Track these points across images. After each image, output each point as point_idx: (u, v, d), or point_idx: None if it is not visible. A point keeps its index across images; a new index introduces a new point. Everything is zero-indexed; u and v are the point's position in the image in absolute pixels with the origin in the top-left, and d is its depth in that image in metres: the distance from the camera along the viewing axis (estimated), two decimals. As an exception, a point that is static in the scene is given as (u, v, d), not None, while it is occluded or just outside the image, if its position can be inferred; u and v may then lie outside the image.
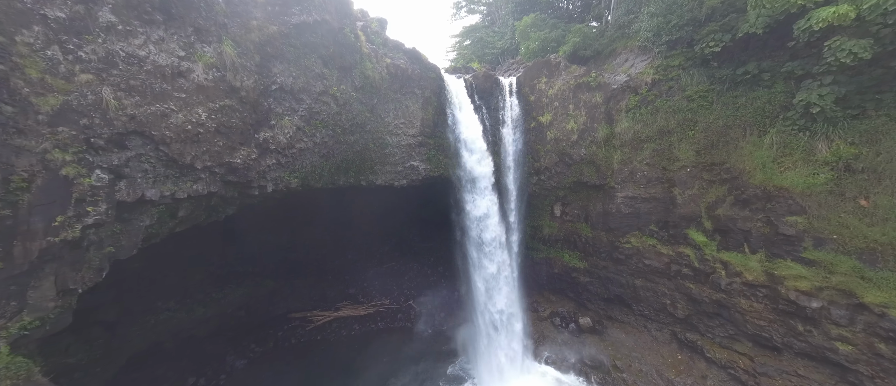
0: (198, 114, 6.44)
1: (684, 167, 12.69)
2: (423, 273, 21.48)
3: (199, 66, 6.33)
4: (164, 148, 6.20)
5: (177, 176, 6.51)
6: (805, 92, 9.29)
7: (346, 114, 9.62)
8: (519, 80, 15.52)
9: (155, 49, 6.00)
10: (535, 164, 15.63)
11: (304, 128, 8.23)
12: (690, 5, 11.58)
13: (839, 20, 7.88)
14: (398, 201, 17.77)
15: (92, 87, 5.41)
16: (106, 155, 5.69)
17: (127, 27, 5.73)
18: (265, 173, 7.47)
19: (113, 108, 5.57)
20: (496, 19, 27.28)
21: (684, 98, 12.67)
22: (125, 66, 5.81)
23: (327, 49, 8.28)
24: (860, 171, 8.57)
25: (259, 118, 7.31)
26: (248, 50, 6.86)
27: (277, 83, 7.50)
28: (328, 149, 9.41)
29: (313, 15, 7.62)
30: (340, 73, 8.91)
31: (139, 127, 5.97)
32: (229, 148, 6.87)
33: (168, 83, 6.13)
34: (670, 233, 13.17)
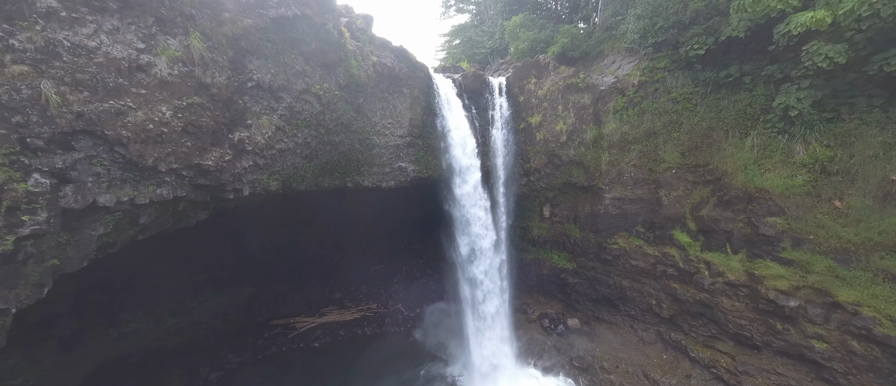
0: (161, 112, 5.80)
1: (670, 169, 12.87)
2: (412, 275, 21.11)
3: (163, 60, 5.69)
4: (120, 149, 5.54)
5: (137, 179, 5.86)
6: (784, 95, 9.51)
7: (330, 113, 9.15)
8: (508, 80, 15.39)
9: (107, 40, 5.34)
10: (524, 165, 15.55)
11: (284, 128, 7.64)
12: (675, 8, 11.71)
13: (816, 25, 8.06)
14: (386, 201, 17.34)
15: (27, 79, 4.71)
16: (47, 157, 4.99)
17: (72, 15, 5.07)
18: (241, 176, 6.88)
19: (55, 103, 4.88)
20: (485, 19, 27.18)
21: (669, 100, 12.84)
22: (70, 58, 5.11)
23: (309, 45, 7.76)
24: (835, 173, 8.82)
25: (233, 117, 6.73)
26: (219, 44, 6.29)
27: (254, 80, 6.95)
28: (311, 150, 8.91)
29: (292, 9, 7.08)
30: (323, 70, 8.42)
31: (89, 126, 5.27)
32: (199, 149, 6.27)
33: (124, 78, 5.46)
34: (656, 234, 13.34)
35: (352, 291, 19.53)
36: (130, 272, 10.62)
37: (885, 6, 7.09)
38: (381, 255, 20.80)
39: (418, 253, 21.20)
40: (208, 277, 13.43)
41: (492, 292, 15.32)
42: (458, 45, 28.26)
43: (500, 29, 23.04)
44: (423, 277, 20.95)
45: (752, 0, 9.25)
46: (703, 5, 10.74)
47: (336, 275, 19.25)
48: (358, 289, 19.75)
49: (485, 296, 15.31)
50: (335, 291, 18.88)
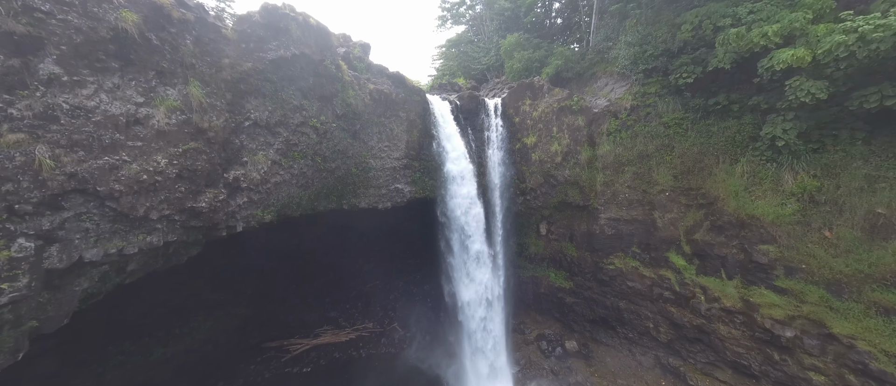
0: (156, 161, 5.72)
1: (663, 191, 13.01)
2: (409, 292, 20.86)
3: (161, 111, 5.66)
4: (111, 203, 5.40)
5: (126, 230, 5.69)
6: (770, 125, 9.75)
7: (326, 142, 9.21)
8: (504, 101, 15.66)
9: (107, 98, 5.28)
10: (520, 185, 15.66)
11: (280, 161, 7.62)
12: (664, 37, 12.09)
13: (797, 62, 8.35)
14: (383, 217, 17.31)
15: (22, 147, 4.61)
16: (34, 220, 4.83)
17: (74, 78, 5.01)
18: (234, 213, 6.80)
19: (47, 167, 4.76)
20: (481, 32, 27.77)
21: (661, 124, 13.10)
22: (68, 120, 5.03)
23: (306, 81, 7.84)
24: (823, 203, 8.97)
25: (229, 156, 6.68)
26: (218, 89, 6.29)
27: (251, 119, 6.95)
28: (307, 179, 8.92)
29: (291, 49, 7.16)
30: (321, 102, 8.52)
31: (81, 185, 5.12)
32: (193, 192, 6.18)
33: (121, 133, 5.40)
34: (652, 255, 13.37)
35: (348, 308, 19.21)
36: (118, 300, 10.40)
37: (860, 49, 7.37)
38: (376, 271, 20.58)
39: (415, 267, 21.01)
40: (200, 300, 13.18)
41: (488, 311, 15.19)
42: (455, 57, 28.77)
43: (496, 46, 23.59)
44: (420, 293, 20.71)
45: (736, 35, 9.60)
46: (691, 36, 11.11)
47: (332, 293, 18.97)
48: (354, 307, 19.44)
49: (481, 314, 15.16)
50: (331, 310, 18.57)
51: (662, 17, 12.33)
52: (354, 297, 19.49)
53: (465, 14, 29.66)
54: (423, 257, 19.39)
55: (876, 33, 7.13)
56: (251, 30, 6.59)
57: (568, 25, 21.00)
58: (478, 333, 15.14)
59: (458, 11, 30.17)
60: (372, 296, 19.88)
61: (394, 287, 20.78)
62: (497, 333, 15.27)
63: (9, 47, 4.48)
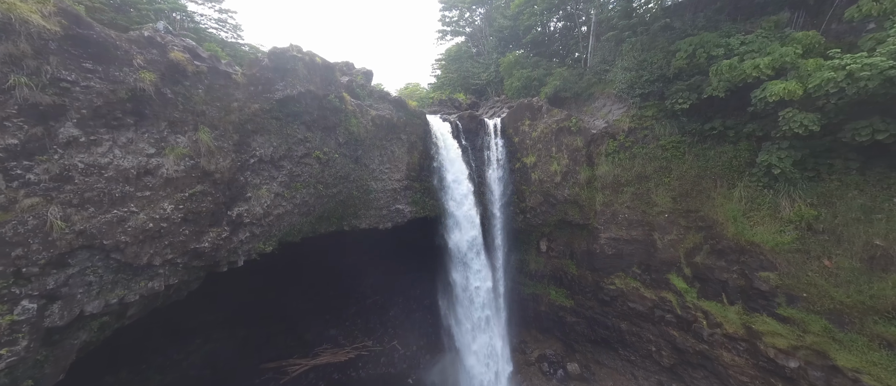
0: (163, 208, 5.79)
1: (662, 213, 13.08)
2: (409, 308, 20.69)
3: (170, 159, 5.76)
4: (116, 255, 5.43)
5: (129, 279, 5.71)
6: (766, 153, 9.89)
7: (329, 170, 9.36)
8: (503, 121, 15.91)
9: (120, 153, 5.39)
10: (520, 204, 15.75)
11: (283, 193, 7.73)
12: (660, 63, 12.38)
13: (789, 95, 8.55)
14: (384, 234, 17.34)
15: (36, 210, 4.66)
16: (40, 280, 4.80)
17: (91, 137, 5.13)
18: (236, 249, 6.86)
19: (58, 228, 4.80)
20: (480, 46, 28.30)
21: (659, 147, 13.27)
22: (82, 179, 5.11)
23: (311, 115, 8.04)
24: (821, 231, 9.02)
25: (234, 194, 6.77)
26: (226, 131, 6.42)
27: (257, 156, 7.08)
28: (309, 207, 9.04)
29: (297, 88, 7.35)
30: (324, 133, 8.71)
31: (88, 241, 5.15)
32: (196, 234, 6.24)
33: (131, 185, 5.51)
34: (652, 276, 13.34)
35: (347, 326, 19.03)
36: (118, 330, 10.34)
37: (850, 86, 7.57)
38: (376, 285, 20.47)
39: (415, 282, 20.90)
40: (200, 321, 13.12)
41: (488, 329, 15.07)
42: (455, 71, 29.26)
43: (495, 62, 24.06)
44: (420, 309, 20.54)
45: (729, 66, 9.86)
46: (686, 64, 11.38)
47: (331, 309, 18.83)
48: (354, 323, 19.26)
49: (481, 333, 15.04)
50: (330, 327, 18.39)
51: (657, 43, 12.66)
52: (354, 313, 19.34)
53: (465, 28, 30.35)
54: (423, 272, 19.32)
55: (864, 72, 7.34)
56: (260, 73, 6.82)
57: (566, 44, 21.46)
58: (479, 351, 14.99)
59: (458, 26, 30.88)
60: (371, 312, 19.73)
61: (394, 303, 20.63)
62: (498, 351, 15.11)
63: (34, 117, 4.61)
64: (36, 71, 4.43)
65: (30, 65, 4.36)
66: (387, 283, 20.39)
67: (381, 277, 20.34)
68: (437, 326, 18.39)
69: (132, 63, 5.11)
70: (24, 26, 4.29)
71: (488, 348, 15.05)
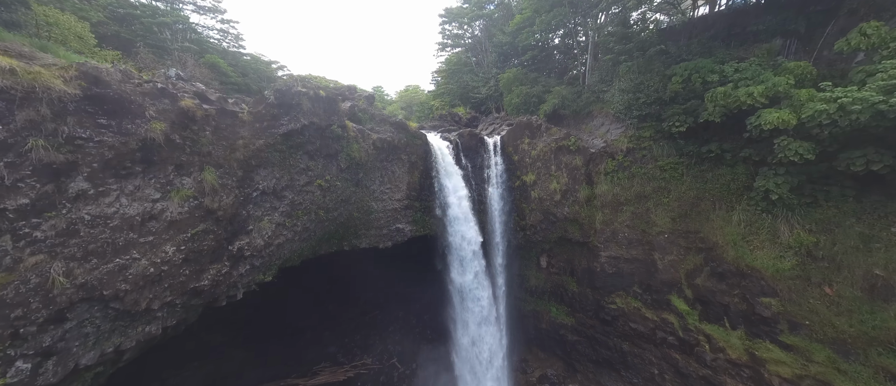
0: (165, 252, 5.77)
1: (662, 233, 13.10)
2: (409, 323, 20.50)
3: (175, 202, 5.78)
4: (115, 304, 5.36)
5: (126, 325, 5.61)
6: (763, 178, 9.98)
7: (330, 196, 9.48)
8: (503, 139, 16.11)
9: (127, 201, 5.39)
10: (520, 221, 15.81)
11: (284, 222, 7.81)
12: (656, 86, 12.61)
13: (783, 124, 8.68)
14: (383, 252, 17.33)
15: (39, 268, 4.61)
16: (36, 338, 4.68)
17: (100, 189, 5.12)
18: (236, 282, 6.86)
19: (59, 285, 4.73)
20: (481, 59, 28.74)
21: (657, 167, 13.38)
22: (87, 231, 5.06)
23: (313, 145, 8.19)
24: (820, 258, 9.02)
25: (235, 229, 6.80)
26: (231, 168, 6.48)
27: (259, 189, 7.16)
28: (309, 232, 9.13)
29: (301, 121, 7.49)
30: (326, 160, 8.86)
31: (88, 293, 5.08)
32: (197, 272, 6.21)
33: (135, 231, 5.49)
34: (653, 297, 13.26)
35: (346, 343, 18.85)
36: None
37: (842, 118, 7.70)
38: (376, 299, 20.34)
39: (414, 297, 20.75)
40: (198, 343, 13.05)
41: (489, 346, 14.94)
42: (455, 82, 29.73)
43: (495, 77, 24.45)
44: (420, 324, 20.35)
45: (723, 93, 10.05)
46: (681, 88, 11.59)
47: (330, 326, 18.68)
48: (352, 340, 19.07)
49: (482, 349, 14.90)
50: (329, 345, 18.22)
51: (653, 67, 12.92)
52: (353, 329, 19.17)
53: (465, 39, 30.87)
54: (422, 285, 19.23)
55: (855, 106, 7.48)
56: (265, 110, 7.01)
57: (565, 62, 21.83)
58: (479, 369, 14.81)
59: (458, 40, 31.47)
60: (371, 328, 19.56)
61: (394, 318, 20.47)
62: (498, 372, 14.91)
63: (47, 175, 4.64)
64: (53, 132, 4.52)
65: (48, 127, 4.47)
66: (386, 297, 20.27)
67: (379, 292, 20.24)
68: (436, 343, 18.19)
69: (144, 115, 5.23)
70: (47, 93, 4.41)
71: (488, 365, 14.86)
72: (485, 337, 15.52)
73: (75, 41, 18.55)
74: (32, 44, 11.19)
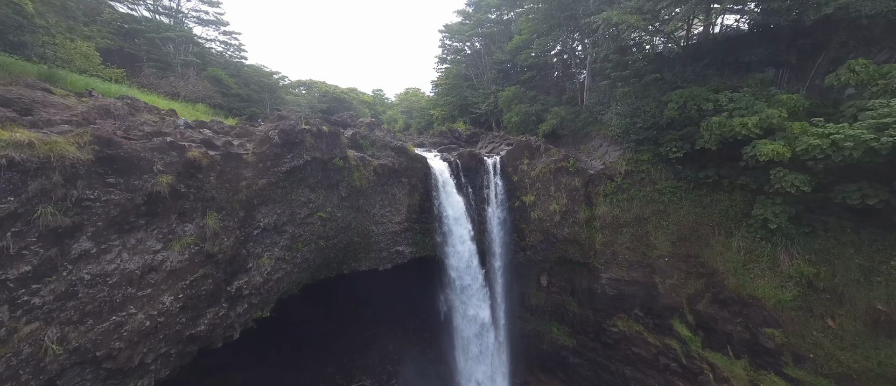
0: (162, 303, 5.61)
1: (662, 256, 13.09)
2: (408, 341, 20.19)
3: (175, 250, 5.67)
4: (108, 364, 5.12)
5: (117, 383, 5.37)
6: (761, 207, 10.04)
7: (331, 224, 9.49)
8: (502, 160, 16.24)
9: (128, 256, 5.26)
10: (520, 242, 15.79)
11: (284, 256, 7.76)
12: (653, 111, 12.82)
13: (778, 156, 8.81)
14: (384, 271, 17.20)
15: (34, 336, 4.39)
16: None
17: (102, 247, 4.98)
18: (233, 323, 6.78)
19: (51, 353, 4.51)
20: (481, 75, 29.12)
21: (655, 190, 13.48)
22: (86, 291, 4.88)
23: (315, 177, 8.23)
24: (822, 290, 9.01)
25: (235, 269, 6.73)
26: (233, 210, 6.44)
27: (260, 227, 7.12)
28: (309, 262, 9.11)
29: (304, 157, 7.54)
30: (327, 190, 8.91)
31: (81, 357, 4.86)
32: (193, 318, 6.06)
33: (134, 286, 5.33)
34: (655, 321, 13.15)
35: (345, 363, 18.51)
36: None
37: (835, 153, 7.83)
38: (374, 317, 20.08)
39: (413, 313, 20.50)
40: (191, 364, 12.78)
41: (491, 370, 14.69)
42: (454, 95, 30.13)
43: (494, 94, 24.81)
44: (419, 341, 20.04)
45: (719, 123, 10.22)
46: (677, 115, 11.79)
47: (328, 345, 18.39)
48: (351, 360, 18.75)
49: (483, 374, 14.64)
50: (327, 366, 17.89)
51: (649, 92, 13.16)
52: (352, 349, 18.87)
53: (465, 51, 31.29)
54: (422, 305, 19.02)
55: (847, 143, 7.61)
56: (269, 150, 7.10)
57: (563, 82, 22.16)
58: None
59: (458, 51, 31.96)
60: (370, 347, 19.24)
61: (393, 335, 20.17)
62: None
63: (51, 240, 4.54)
64: (62, 197, 4.51)
65: (58, 193, 4.45)
66: (385, 315, 20.02)
67: (379, 309, 20.01)
68: (437, 363, 17.87)
69: (152, 169, 5.26)
70: (60, 161, 4.41)
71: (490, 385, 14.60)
72: (485, 357, 15.31)
73: (81, 60, 18.96)
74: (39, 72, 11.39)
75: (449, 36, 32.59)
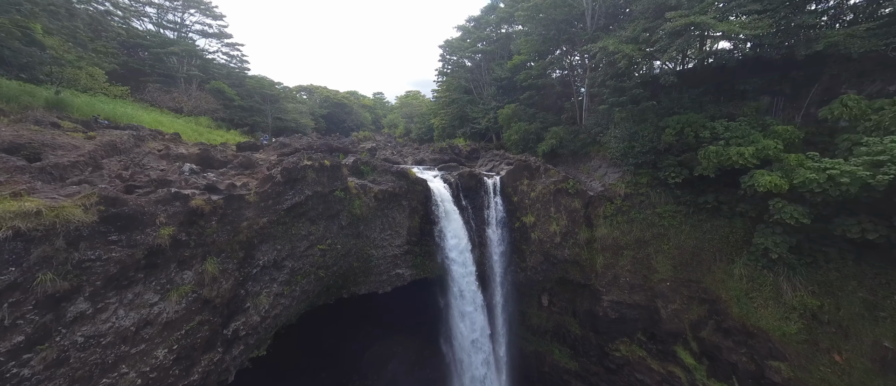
0: (155, 357, 5.38)
1: (664, 280, 13.00)
2: (410, 360, 19.81)
3: (172, 301, 5.49)
4: None
5: None
6: (762, 236, 10.04)
7: (331, 254, 9.44)
8: (502, 180, 16.30)
9: (124, 312, 5.04)
10: (521, 263, 15.70)
11: (282, 291, 7.66)
12: (651, 136, 12.95)
13: (776, 188, 8.86)
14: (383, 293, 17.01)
15: None
16: None
17: (98, 306, 4.76)
18: (228, 367, 6.65)
19: None
20: (481, 89, 29.49)
21: (655, 214, 13.49)
22: (78, 356, 4.60)
23: (316, 211, 8.22)
24: (827, 323, 8.91)
25: (232, 310, 6.59)
26: (233, 251, 6.36)
27: (260, 265, 7.04)
28: (307, 293, 9.02)
29: (305, 193, 7.54)
30: (328, 221, 8.90)
31: None
32: (187, 368, 5.83)
33: (128, 344, 5.09)
34: (659, 347, 12.96)
35: (343, 383, 18.11)
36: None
37: (832, 188, 7.88)
38: (374, 332, 19.76)
39: (415, 329, 20.16)
40: None
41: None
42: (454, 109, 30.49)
43: (494, 109, 25.09)
44: (420, 360, 19.66)
45: (716, 152, 10.33)
46: (675, 140, 11.92)
47: (327, 359, 18.03)
48: (350, 379, 18.35)
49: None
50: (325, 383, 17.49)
51: (647, 117, 13.34)
52: (351, 370, 18.49)
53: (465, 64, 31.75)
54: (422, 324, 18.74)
55: (844, 178, 7.68)
56: (271, 189, 7.14)
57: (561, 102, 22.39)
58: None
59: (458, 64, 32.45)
60: (369, 366, 18.88)
61: (392, 353, 19.81)
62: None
63: (48, 306, 4.36)
64: (64, 261, 4.41)
65: (60, 258, 4.36)
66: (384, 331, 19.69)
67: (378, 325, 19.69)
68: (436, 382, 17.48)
69: (155, 222, 5.23)
70: (65, 226, 4.34)
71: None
72: (486, 380, 15.02)
73: (87, 79, 19.46)
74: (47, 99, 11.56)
75: (449, 51, 33.24)
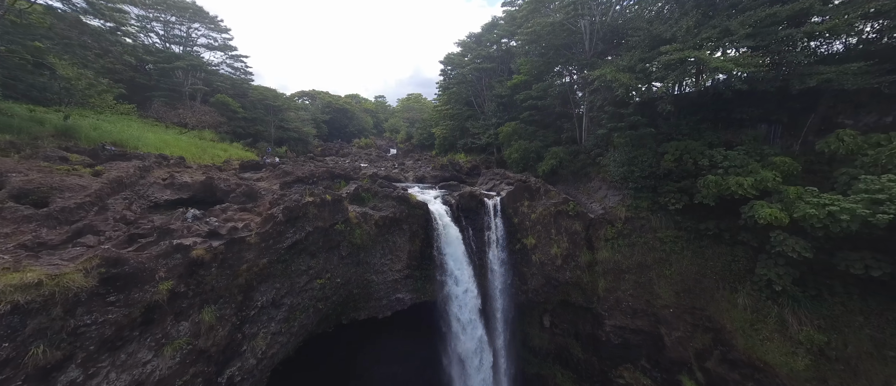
0: None
1: (667, 306, 12.83)
2: (407, 381, 19.36)
3: (166, 356, 5.27)
4: None
5: None
6: (764, 267, 9.95)
7: (330, 285, 9.38)
8: (503, 201, 16.32)
9: (115, 375, 4.77)
10: (522, 285, 15.56)
11: (280, 330, 7.50)
12: (650, 162, 13.03)
13: (777, 221, 8.84)
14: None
15: None
16: None
17: (90, 372, 4.50)
18: None
19: None
20: (482, 104, 29.87)
21: (657, 238, 13.43)
22: None
23: (317, 245, 8.24)
24: (835, 360, 8.74)
25: (227, 357, 6.37)
26: (231, 295, 6.24)
27: (258, 306, 6.92)
28: (306, 327, 8.92)
29: (306, 229, 7.56)
30: (328, 254, 8.88)
31: None
32: None
33: None
34: (664, 375, 12.68)
35: (340, 402, 17.64)
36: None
37: (832, 224, 7.86)
38: (374, 351, 19.37)
39: (413, 354, 19.75)
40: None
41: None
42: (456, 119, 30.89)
43: (495, 126, 25.36)
44: (419, 381, 19.20)
45: (715, 182, 10.37)
46: (674, 166, 11.98)
47: (321, 378, 17.59)
48: (347, 399, 17.87)
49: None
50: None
51: (645, 142, 13.46)
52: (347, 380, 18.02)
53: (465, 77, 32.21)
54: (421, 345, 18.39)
55: (844, 215, 7.67)
56: (273, 228, 7.15)
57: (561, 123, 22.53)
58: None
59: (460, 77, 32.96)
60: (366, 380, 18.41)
61: (390, 374, 19.38)
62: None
63: (38, 379, 4.08)
64: (59, 330, 4.22)
65: (55, 326, 4.18)
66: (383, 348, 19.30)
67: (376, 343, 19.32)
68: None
69: (154, 278, 5.18)
70: (64, 294, 4.21)
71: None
72: (487, 406, 14.65)
73: (96, 99, 20.02)
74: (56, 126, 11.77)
75: (451, 67, 33.91)
